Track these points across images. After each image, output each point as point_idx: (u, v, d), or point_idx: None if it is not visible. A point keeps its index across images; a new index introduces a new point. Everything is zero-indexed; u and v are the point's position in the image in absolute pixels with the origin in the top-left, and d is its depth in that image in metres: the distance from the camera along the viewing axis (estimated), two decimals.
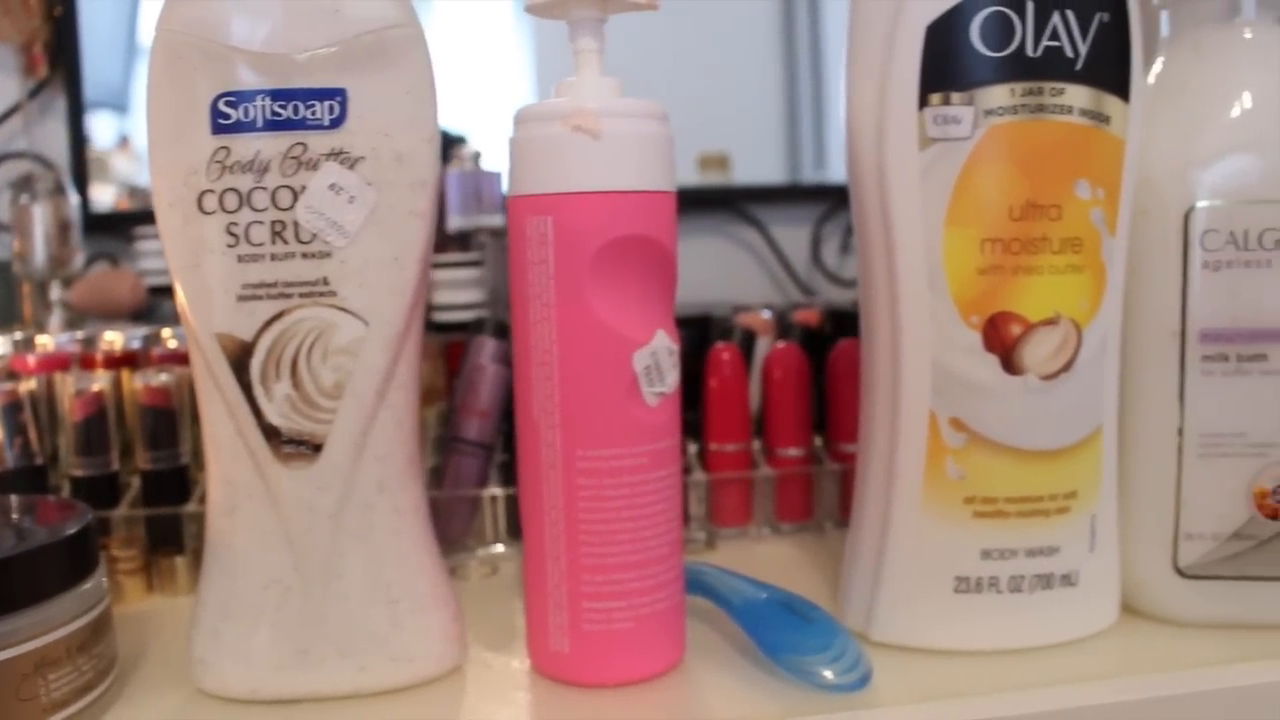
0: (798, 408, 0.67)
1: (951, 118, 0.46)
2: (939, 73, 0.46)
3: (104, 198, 0.99)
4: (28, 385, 0.61)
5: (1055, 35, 0.46)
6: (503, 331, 0.65)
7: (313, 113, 0.44)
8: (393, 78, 0.45)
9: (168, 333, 0.70)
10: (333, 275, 0.45)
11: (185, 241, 0.45)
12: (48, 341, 0.69)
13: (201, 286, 0.45)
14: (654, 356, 0.45)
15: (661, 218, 0.45)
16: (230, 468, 0.46)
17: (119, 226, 0.96)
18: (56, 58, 0.97)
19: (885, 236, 0.48)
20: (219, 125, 0.44)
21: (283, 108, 0.44)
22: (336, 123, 0.44)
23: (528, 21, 0.46)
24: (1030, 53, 0.46)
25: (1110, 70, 0.47)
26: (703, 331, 0.75)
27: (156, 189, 0.45)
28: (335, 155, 0.44)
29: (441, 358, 0.78)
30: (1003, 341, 0.47)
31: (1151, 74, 0.52)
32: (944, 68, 0.46)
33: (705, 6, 1.12)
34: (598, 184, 0.44)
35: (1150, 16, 0.52)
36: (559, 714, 0.46)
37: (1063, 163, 0.46)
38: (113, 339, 0.69)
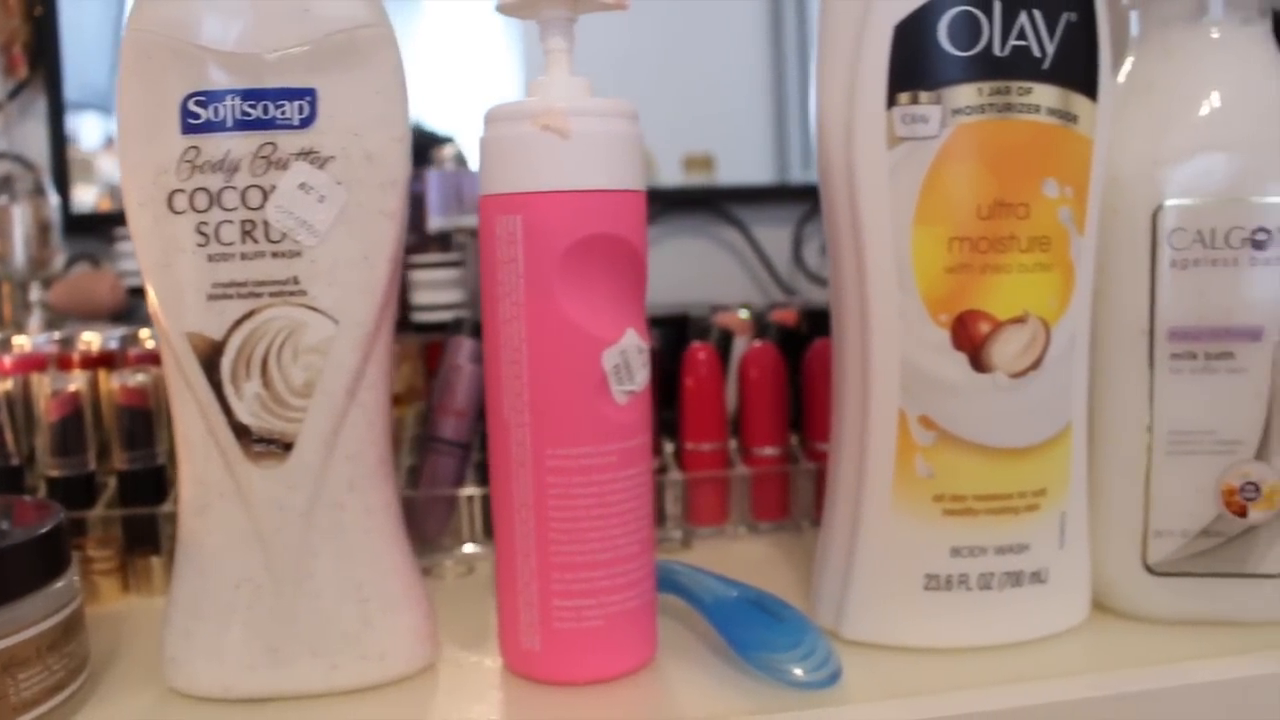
0: (773, 407, 0.67)
1: (919, 117, 0.46)
2: (907, 72, 0.46)
3: (86, 198, 1.00)
4: (4, 386, 0.61)
5: (1022, 35, 0.46)
6: (480, 332, 0.65)
7: (282, 112, 0.44)
8: (363, 77, 0.45)
9: (145, 333, 0.70)
10: (303, 274, 0.45)
11: (156, 241, 0.45)
12: (24, 342, 0.69)
13: (172, 286, 0.45)
14: (623, 355, 0.45)
15: (630, 217, 0.46)
16: (201, 467, 0.46)
17: (100, 227, 0.96)
18: (37, 58, 0.97)
19: (854, 235, 0.48)
20: (189, 125, 0.44)
21: (252, 107, 0.44)
22: (306, 122, 0.44)
23: (516, 21, 0.46)
24: (998, 52, 0.46)
25: (1078, 70, 0.47)
26: (680, 331, 0.75)
27: (126, 188, 0.45)
28: (305, 155, 0.44)
29: (421, 358, 0.78)
30: (971, 340, 0.47)
31: (1121, 73, 0.52)
32: (912, 67, 0.46)
33: (694, 7, 1.13)
34: (566, 183, 0.44)
35: (1119, 16, 0.53)
36: (529, 712, 0.46)
37: (1030, 162, 0.47)
38: (90, 339, 0.69)
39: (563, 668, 0.47)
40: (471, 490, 0.64)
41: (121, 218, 0.83)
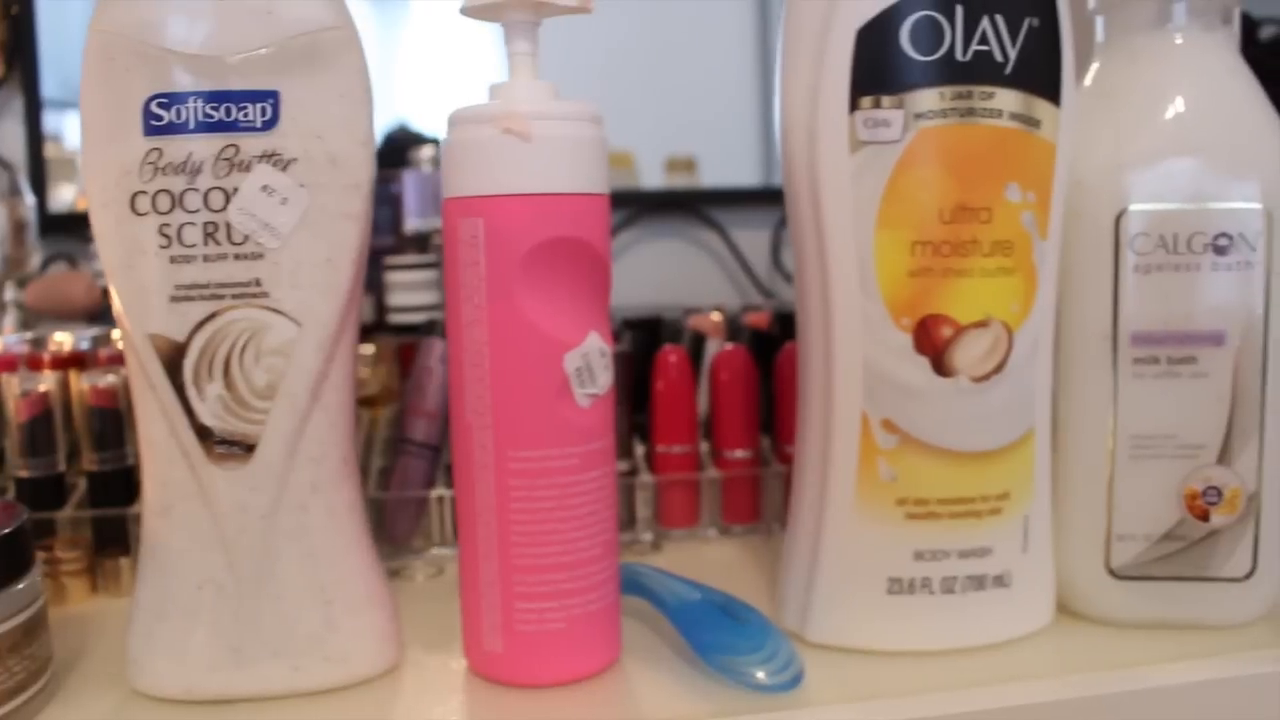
0: (744, 410, 0.67)
1: (882, 121, 0.46)
2: (869, 76, 0.46)
3: (66, 197, 0.99)
4: None
5: (985, 39, 0.46)
6: None
7: (245, 115, 0.44)
8: (326, 80, 0.45)
9: (117, 334, 0.70)
10: (265, 277, 0.45)
11: (118, 242, 0.45)
12: None
13: (135, 287, 0.45)
14: (585, 358, 0.46)
15: (593, 220, 0.46)
16: (164, 468, 0.46)
17: (78, 227, 0.96)
18: (13, 57, 0.96)
19: (817, 239, 0.48)
20: (151, 127, 0.44)
21: (215, 109, 0.44)
22: (269, 125, 0.44)
23: None
24: (960, 57, 0.46)
25: (1040, 74, 0.47)
26: (653, 334, 0.75)
27: (89, 190, 0.45)
28: (267, 157, 0.44)
29: (397, 359, 0.78)
30: (933, 343, 0.47)
31: (1087, 78, 0.53)
32: (874, 71, 0.46)
33: (680, 10, 1.13)
34: (528, 186, 0.44)
35: (1085, 22, 0.53)
36: (490, 714, 0.46)
37: (993, 166, 0.47)
38: (62, 340, 0.69)
39: (525, 670, 0.47)
40: (441, 492, 0.64)
41: None
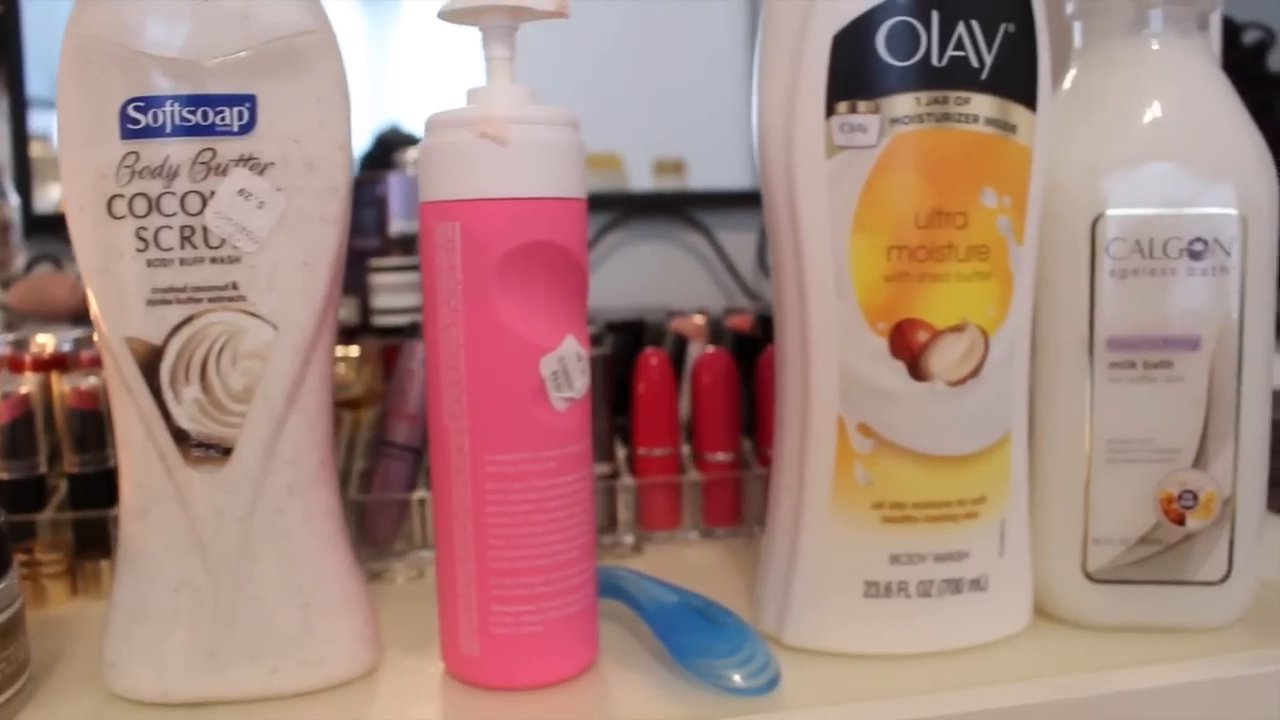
0: (726, 413, 0.67)
1: (858, 126, 0.46)
2: (845, 82, 0.46)
3: (52, 198, 0.99)
4: None
5: (960, 45, 0.46)
6: None
7: (222, 118, 0.44)
8: (304, 84, 0.45)
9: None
10: (242, 280, 0.45)
11: (95, 245, 0.45)
12: None
13: (112, 291, 0.45)
14: (562, 362, 0.46)
15: (569, 224, 0.46)
16: (141, 471, 0.46)
17: (63, 228, 0.95)
18: None
19: (794, 243, 0.48)
20: (128, 130, 0.44)
21: (192, 113, 0.44)
22: (246, 128, 0.44)
23: None
24: (936, 62, 0.46)
25: (1016, 80, 0.47)
26: (636, 336, 0.75)
27: (66, 193, 0.45)
28: (244, 161, 0.44)
29: (381, 361, 0.78)
30: (909, 348, 0.47)
31: (1065, 84, 0.53)
32: (850, 77, 0.46)
33: (671, 13, 1.13)
34: (504, 191, 0.44)
35: (1063, 28, 0.53)
36: (468, 717, 0.46)
37: (969, 171, 0.47)
38: (44, 342, 0.69)
39: (502, 673, 0.47)
40: (423, 494, 0.64)
41: None
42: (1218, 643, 0.51)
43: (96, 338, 0.68)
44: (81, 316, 0.85)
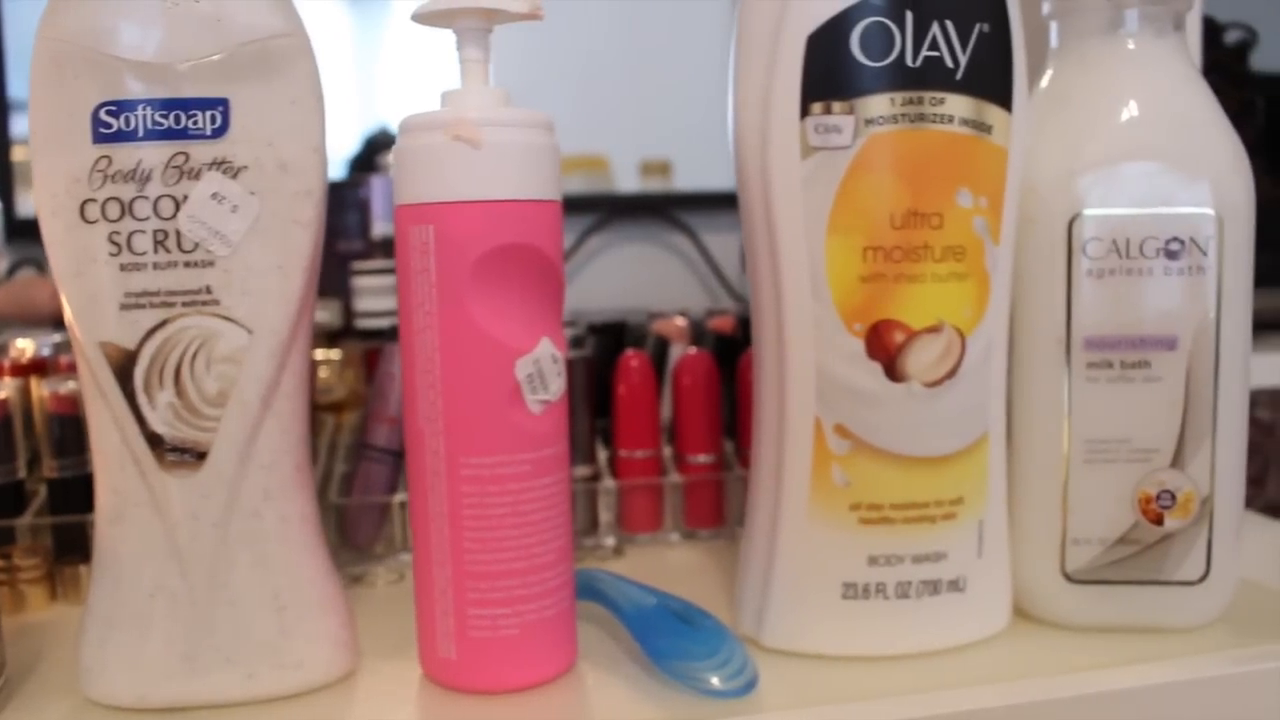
0: (707, 414, 0.67)
1: (832, 127, 0.46)
2: (820, 82, 0.46)
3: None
4: None
5: (935, 45, 0.46)
6: None
7: (194, 122, 0.44)
8: (277, 87, 0.45)
9: None
10: (216, 284, 0.45)
11: (68, 250, 0.45)
12: None
13: (85, 295, 0.45)
14: (537, 364, 0.46)
15: (544, 226, 0.46)
16: (116, 476, 0.46)
17: None
18: None
19: (770, 244, 0.48)
20: (100, 134, 0.44)
21: (164, 117, 0.44)
22: (219, 132, 0.44)
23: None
24: (910, 63, 0.46)
25: (991, 80, 0.47)
26: (617, 338, 0.75)
27: (39, 197, 0.45)
28: (217, 165, 0.44)
29: (364, 364, 0.78)
30: (885, 349, 0.47)
31: (1041, 84, 0.53)
32: (825, 77, 0.46)
33: (659, 14, 1.13)
34: (477, 193, 0.44)
35: (1039, 28, 0.53)
36: None
37: (944, 172, 0.47)
38: (24, 346, 0.68)
39: (479, 677, 0.47)
40: (403, 497, 0.64)
41: None
42: (1197, 643, 0.51)
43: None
44: (64, 321, 0.85)
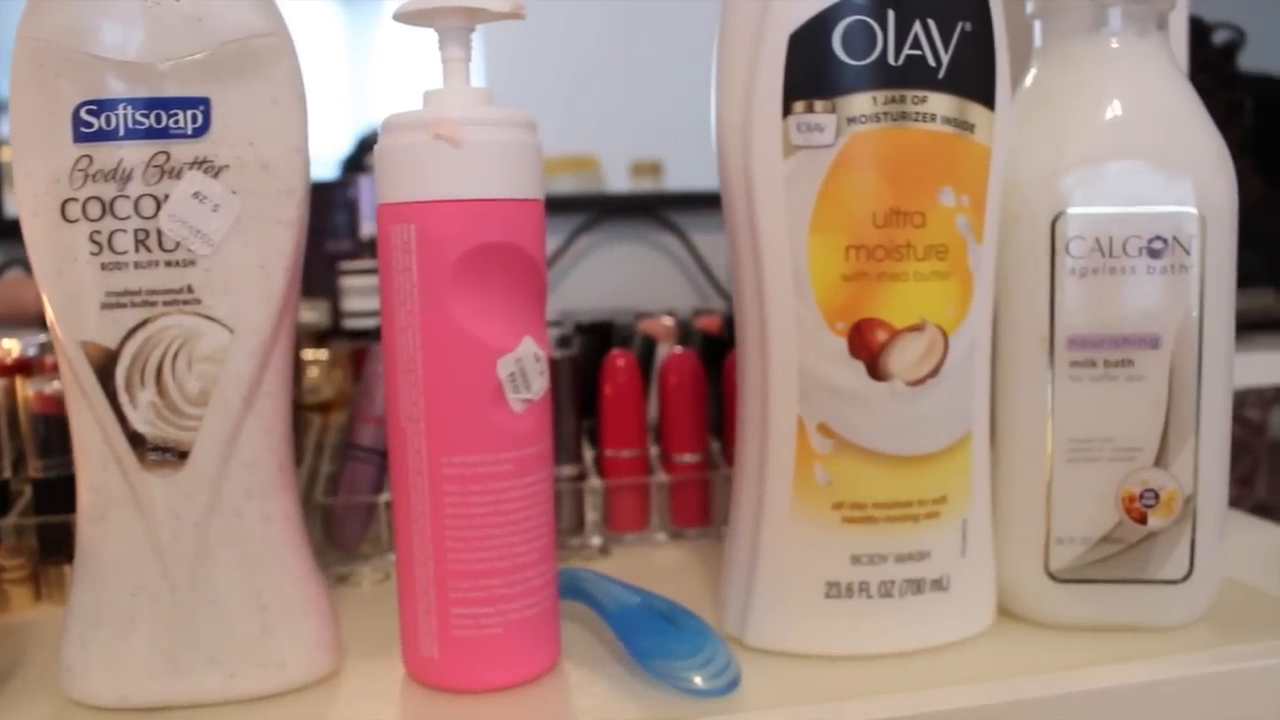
0: (694, 414, 0.67)
1: (815, 125, 0.46)
2: (802, 81, 0.46)
3: None
4: None
5: (917, 44, 0.46)
6: None
7: (176, 121, 0.44)
8: (258, 87, 0.45)
9: None
10: (197, 283, 0.45)
11: (49, 249, 0.45)
12: None
13: (66, 294, 0.45)
14: (519, 364, 0.46)
15: (526, 225, 0.46)
16: (98, 475, 0.46)
17: None
18: None
19: (752, 243, 0.48)
20: (81, 134, 0.44)
21: (145, 116, 0.44)
22: (200, 131, 0.44)
23: (482, 28, 0.46)
24: (892, 61, 0.46)
25: (974, 79, 0.47)
26: (604, 338, 0.75)
27: (20, 197, 0.45)
28: (199, 164, 0.44)
29: (351, 364, 0.78)
30: (868, 348, 0.47)
31: (1025, 83, 0.53)
32: (807, 76, 0.46)
33: (650, 14, 1.13)
34: (458, 192, 0.44)
35: (1023, 27, 0.53)
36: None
37: (926, 170, 0.47)
38: (9, 347, 0.68)
39: (461, 676, 0.47)
40: (389, 497, 0.64)
41: None
42: (1180, 641, 0.51)
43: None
44: None
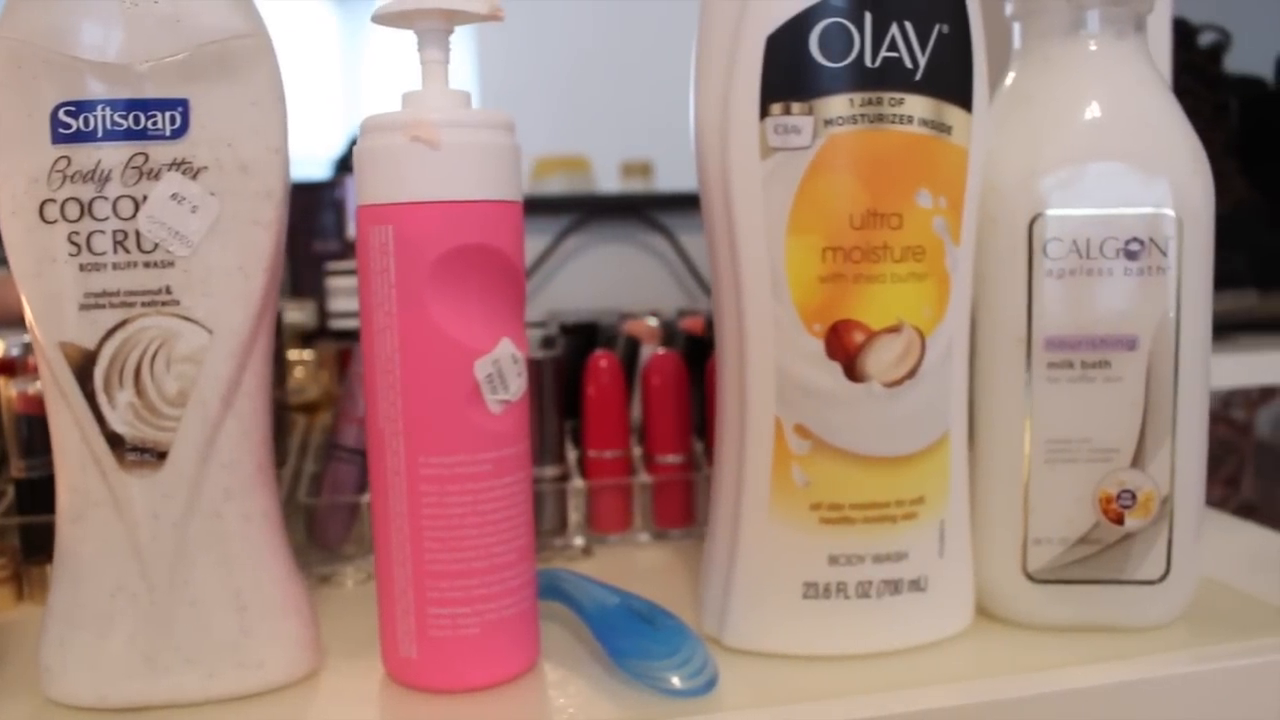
0: (676, 415, 0.67)
1: (792, 127, 0.46)
2: (779, 83, 0.46)
3: None
4: None
5: (894, 46, 0.46)
6: None
7: (154, 123, 0.44)
8: (237, 88, 0.45)
9: None
10: (175, 284, 0.45)
11: (28, 250, 0.45)
12: None
13: (45, 295, 0.45)
14: (496, 365, 0.46)
15: (504, 227, 0.46)
16: (76, 475, 0.46)
17: None
18: None
19: (730, 244, 0.48)
20: (59, 135, 0.44)
21: (124, 118, 0.44)
22: (178, 133, 0.44)
23: (475, 29, 0.47)
24: (869, 63, 0.46)
25: (951, 80, 0.47)
26: (588, 338, 0.75)
27: None
28: (177, 165, 0.44)
29: (338, 364, 0.79)
30: (845, 349, 0.47)
31: (1004, 85, 0.53)
32: (784, 78, 0.46)
33: (641, 14, 1.13)
34: (436, 194, 0.44)
35: (1002, 29, 0.53)
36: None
37: (903, 172, 0.47)
38: None
39: (440, 676, 0.47)
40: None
41: None
42: (1158, 641, 0.51)
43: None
44: None
